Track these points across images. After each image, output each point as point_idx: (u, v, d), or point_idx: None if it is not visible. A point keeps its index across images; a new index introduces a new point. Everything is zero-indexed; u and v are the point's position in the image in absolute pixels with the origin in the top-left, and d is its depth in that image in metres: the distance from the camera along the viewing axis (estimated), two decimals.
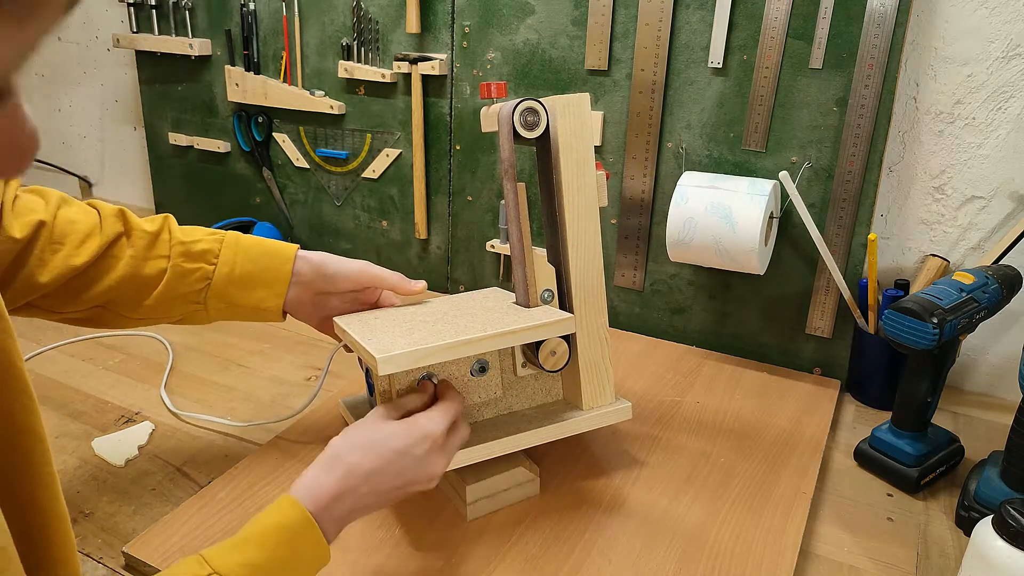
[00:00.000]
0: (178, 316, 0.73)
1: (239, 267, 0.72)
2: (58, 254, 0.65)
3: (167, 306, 0.71)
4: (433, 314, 0.73)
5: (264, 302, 0.73)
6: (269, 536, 0.52)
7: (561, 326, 0.69)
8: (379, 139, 1.22)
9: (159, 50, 1.34)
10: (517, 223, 0.71)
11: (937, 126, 0.94)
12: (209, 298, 0.72)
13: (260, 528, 0.52)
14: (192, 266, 0.71)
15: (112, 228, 0.69)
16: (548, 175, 0.74)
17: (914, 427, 0.79)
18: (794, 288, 0.99)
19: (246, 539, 0.52)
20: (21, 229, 0.64)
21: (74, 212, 0.68)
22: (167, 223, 0.72)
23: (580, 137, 0.72)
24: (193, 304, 0.72)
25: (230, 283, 0.72)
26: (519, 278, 0.72)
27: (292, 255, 0.74)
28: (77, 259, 0.66)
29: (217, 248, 0.72)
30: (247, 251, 0.73)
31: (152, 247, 0.70)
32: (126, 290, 0.69)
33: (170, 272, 0.70)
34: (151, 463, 0.79)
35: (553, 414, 0.75)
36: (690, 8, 0.96)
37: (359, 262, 0.76)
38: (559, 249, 0.74)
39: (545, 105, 0.72)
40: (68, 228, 0.67)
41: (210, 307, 0.72)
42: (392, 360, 0.61)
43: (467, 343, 0.64)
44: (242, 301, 0.73)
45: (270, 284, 0.73)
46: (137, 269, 0.69)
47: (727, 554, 0.67)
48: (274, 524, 0.53)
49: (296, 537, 0.52)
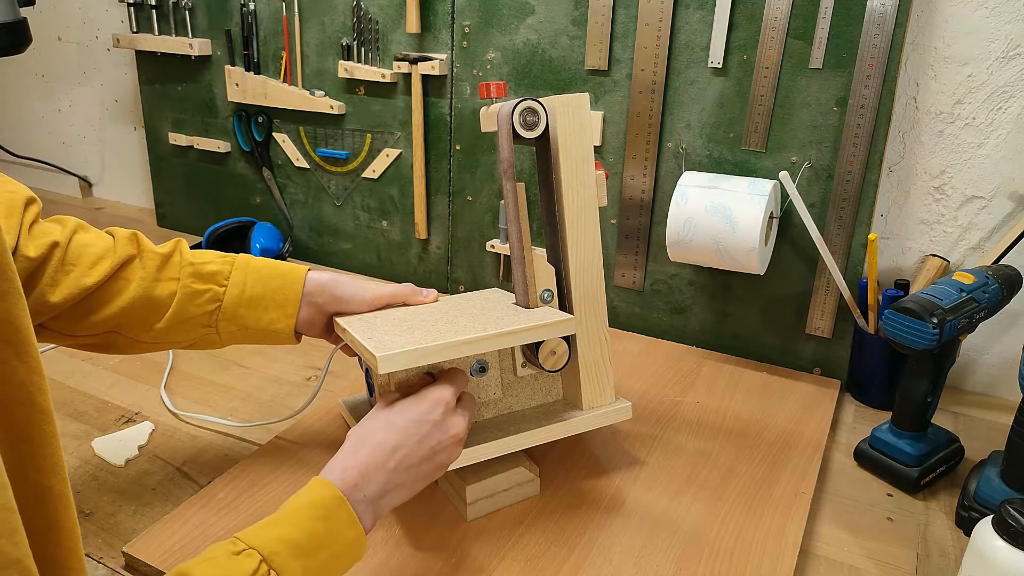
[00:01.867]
0: (191, 340, 0.73)
1: (249, 288, 0.72)
2: (70, 275, 0.66)
3: (179, 329, 0.71)
4: (433, 314, 0.73)
5: (275, 323, 0.73)
6: (303, 513, 0.53)
7: (561, 327, 0.69)
8: (379, 139, 1.22)
9: (159, 50, 1.34)
10: (517, 223, 0.71)
11: (937, 126, 0.94)
12: (220, 320, 0.72)
13: (292, 507, 0.54)
14: (202, 287, 0.71)
15: (124, 250, 0.70)
16: (548, 175, 0.74)
17: (914, 427, 0.79)
18: (794, 288, 0.99)
19: (278, 518, 0.53)
20: (36, 249, 0.65)
21: (89, 237, 0.69)
22: (179, 247, 0.73)
23: (579, 137, 0.72)
24: (204, 327, 0.72)
25: (240, 304, 0.72)
26: (519, 278, 0.72)
27: (303, 275, 0.74)
28: (88, 279, 0.67)
29: (227, 270, 0.72)
30: (257, 273, 0.73)
31: (163, 269, 0.71)
32: (137, 312, 0.69)
33: (180, 293, 0.70)
34: (151, 463, 0.79)
35: (553, 414, 0.75)
36: (690, 8, 0.96)
37: (370, 285, 0.76)
38: (559, 249, 0.74)
39: (544, 105, 0.72)
40: (81, 251, 0.68)
41: (222, 330, 0.72)
42: (392, 359, 0.61)
43: (467, 343, 0.64)
44: (253, 323, 0.73)
45: (281, 305, 0.73)
46: (148, 291, 0.69)
47: (727, 554, 0.67)
48: (306, 502, 0.54)
49: (329, 514, 0.53)
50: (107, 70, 1.57)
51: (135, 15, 1.35)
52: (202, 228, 1.30)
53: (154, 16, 1.34)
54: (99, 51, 1.56)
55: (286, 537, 0.51)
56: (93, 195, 1.71)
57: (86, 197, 1.70)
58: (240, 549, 0.49)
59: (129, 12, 1.34)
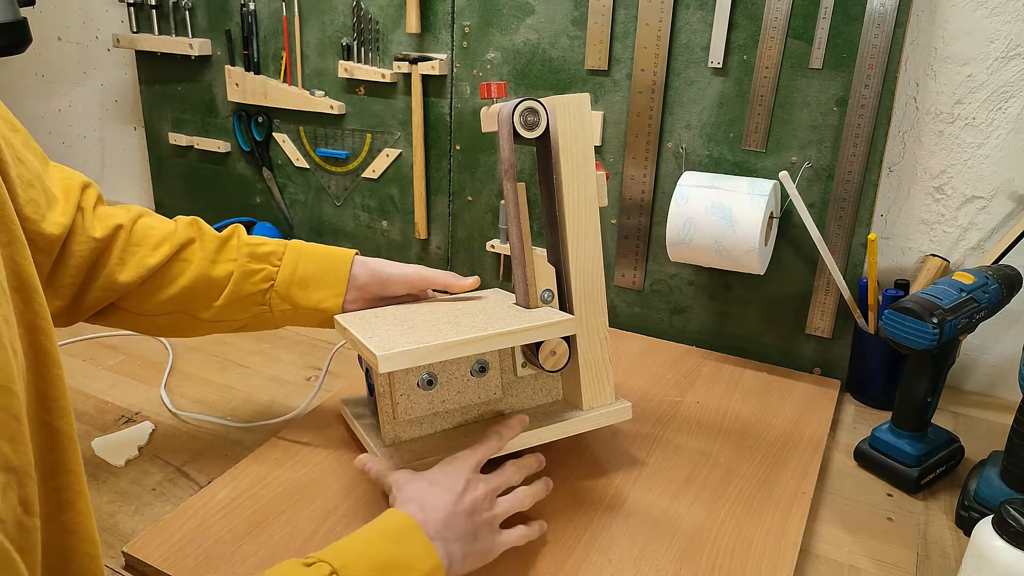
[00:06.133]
0: (246, 318, 0.77)
1: (300, 268, 0.76)
2: (135, 255, 0.72)
3: (235, 307, 0.75)
4: (433, 313, 0.73)
5: (324, 302, 0.76)
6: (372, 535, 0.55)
7: (562, 327, 0.69)
8: (379, 139, 1.22)
9: (159, 50, 1.34)
10: (517, 223, 0.71)
11: (937, 126, 0.94)
12: (273, 299, 0.76)
13: (362, 531, 0.56)
14: (257, 267, 0.75)
15: (185, 233, 0.75)
16: (548, 175, 0.74)
17: (914, 427, 0.79)
18: (794, 288, 0.99)
19: (350, 539, 0.55)
20: (102, 231, 0.70)
21: (152, 220, 0.75)
22: (237, 231, 0.77)
23: (580, 137, 0.72)
24: (258, 306, 0.76)
25: (292, 284, 0.76)
26: (519, 278, 0.72)
27: (350, 258, 0.78)
28: (152, 259, 0.72)
29: (281, 251, 0.77)
30: (309, 254, 0.78)
31: (221, 251, 0.75)
32: (198, 291, 0.74)
33: (237, 273, 0.75)
34: (151, 463, 0.79)
35: (553, 414, 0.75)
36: (690, 8, 0.96)
37: (413, 266, 0.80)
38: (559, 249, 0.74)
39: (545, 105, 0.72)
40: (145, 233, 0.73)
41: (275, 308, 0.76)
42: (392, 359, 0.61)
43: (467, 343, 0.64)
44: (304, 302, 0.76)
45: (330, 285, 0.77)
46: (207, 270, 0.74)
47: (727, 554, 0.67)
48: (377, 527, 0.56)
49: (401, 537, 0.55)
50: (107, 70, 1.57)
51: (135, 15, 1.35)
52: None
53: (154, 16, 1.34)
54: (99, 51, 1.56)
55: (359, 554, 0.53)
56: None
57: None
58: (311, 562, 0.51)
59: (129, 12, 1.34)
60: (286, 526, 0.68)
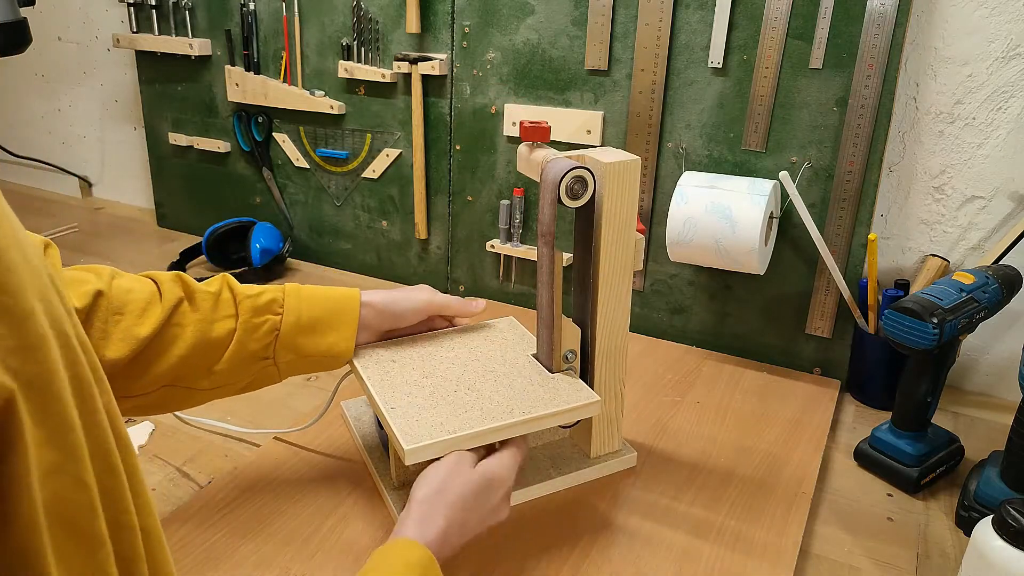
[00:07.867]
0: (248, 379, 0.69)
1: (305, 313, 0.69)
2: (120, 325, 0.61)
3: (238, 368, 0.67)
4: (452, 370, 0.72)
5: (336, 347, 0.71)
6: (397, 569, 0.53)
7: (588, 409, 0.68)
8: (379, 139, 1.22)
9: (159, 50, 1.34)
10: (550, 289, 0.70)
11: (937, 126, 0.94)
12: (278, 350, 0.69)
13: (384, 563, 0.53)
14: (260, 320, 0.68)
15: (172, 294, 0.65)
16: (586, 237, 0.71)
17: (914, 427, 0.79)
18: (794, 288, 0.99)
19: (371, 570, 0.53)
20: (80, 299, 0.60)
21: (128, 282, 0.65)
22: (226, 281, 0.69)
23: (626, 203, 0.69)
24: (261, 360, 0.69)
25: (298, 332, 0.69)
26: (544, 339, 0.72)
27: (357, 298, 0.72)
28: (141, 329, 0.62)
29: (280, 297, 0.69)
30: (310, 298, 0.71)
31: (216, 307, 0.67)
32: (196, 359, 0.65)
33: (240, 330, 0.67)
34: (151, 463, 0.79)
35: (560, 461, 0.76)
36: (690, 8, 0.96)
37: (422, 293, 0.77)
38: (587, 310, 0.73)
39: (594, 172, 0.67)
40: (126, 297, 0.63)
41: (279, 360, 0.69)
42: (418, 452, 0.61)
43: (494, 431, 0.64)
44: (311, 349, 0.70)
45: (339, 328, 0.71)
46: (205, 334, 0.65)
47: (727, 554, 0.67)
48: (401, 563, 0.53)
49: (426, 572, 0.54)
50: (107, 70, 1.57)
51: (135, 15, 1.35)
52: (202, 228, 1.30)
53: (154, 16, 1.34)
54: (99, 51, 1.56)
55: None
56: (93, 195, 1.71)
57: (86, 197, 1.70)
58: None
59: (129, 12, 1.34)
60: (286, 526, 0.68)
